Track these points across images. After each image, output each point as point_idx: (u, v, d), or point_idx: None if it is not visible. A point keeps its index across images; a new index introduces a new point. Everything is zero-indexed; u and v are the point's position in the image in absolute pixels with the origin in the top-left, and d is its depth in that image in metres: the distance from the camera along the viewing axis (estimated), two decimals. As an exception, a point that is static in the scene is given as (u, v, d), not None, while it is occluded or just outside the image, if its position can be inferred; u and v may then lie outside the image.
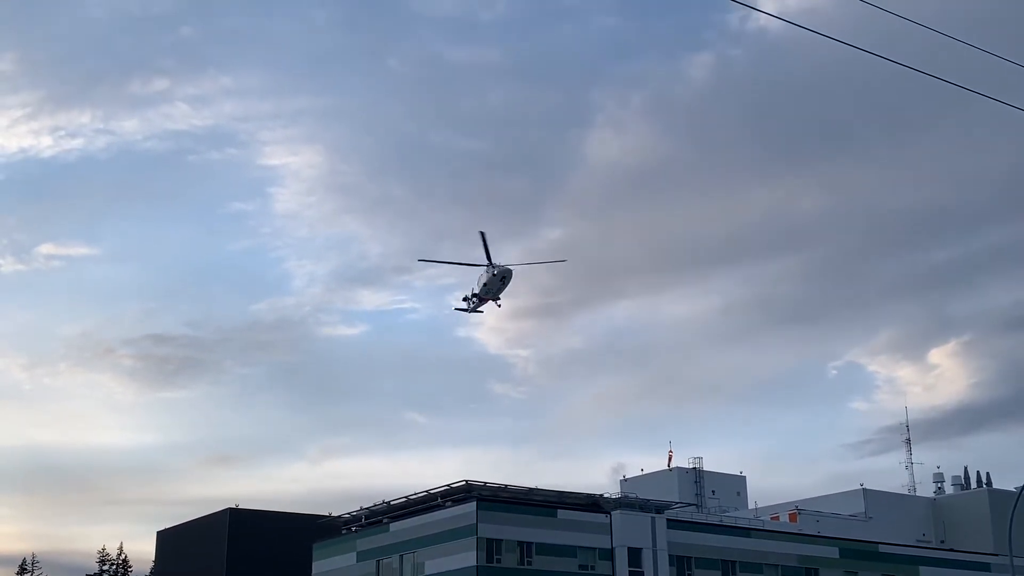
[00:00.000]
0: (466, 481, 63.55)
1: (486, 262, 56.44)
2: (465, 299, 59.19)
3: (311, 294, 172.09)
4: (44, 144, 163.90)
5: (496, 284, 56.93)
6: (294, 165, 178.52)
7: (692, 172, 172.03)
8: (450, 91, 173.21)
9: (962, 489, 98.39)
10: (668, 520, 67.49)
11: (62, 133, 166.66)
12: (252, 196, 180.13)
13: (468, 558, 60.60)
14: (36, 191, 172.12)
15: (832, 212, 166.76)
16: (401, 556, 65.86)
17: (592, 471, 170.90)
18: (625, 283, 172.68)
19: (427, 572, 63.08)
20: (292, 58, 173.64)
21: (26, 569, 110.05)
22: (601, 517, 65.23)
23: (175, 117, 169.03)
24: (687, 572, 67.20)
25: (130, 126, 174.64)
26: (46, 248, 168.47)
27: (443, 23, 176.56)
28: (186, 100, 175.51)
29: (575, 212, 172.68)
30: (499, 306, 58.46)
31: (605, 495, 68.30)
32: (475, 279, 57.94)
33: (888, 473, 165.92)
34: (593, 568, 63.79)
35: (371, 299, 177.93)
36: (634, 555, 64.67)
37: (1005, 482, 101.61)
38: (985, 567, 79.25)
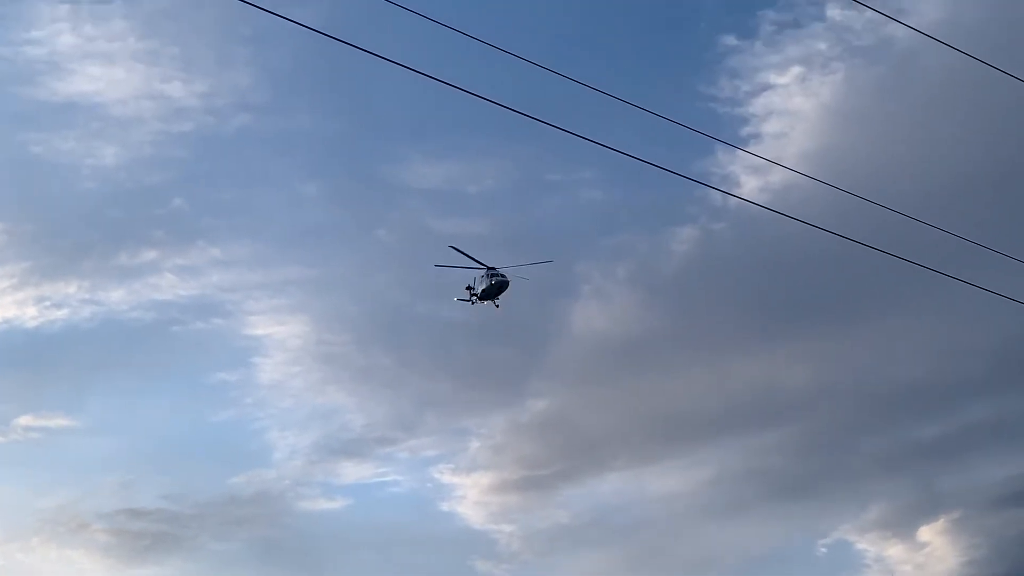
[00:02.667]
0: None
1: (484, 267, 57.31)
2: (468, 288, 60.17)
3: (292, 467, 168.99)
4: (28, 315, 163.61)
5: (493, 290, 58.41)
6: (280, 335, 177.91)
7: (679, 343, 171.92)
8: (437, 262, 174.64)
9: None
10: None
11: (47, 303, 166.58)
12: (236, 366, 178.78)
13: None
14: (19, 362, 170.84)
15: (820, 386, 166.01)
16: None
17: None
18: (612, 455, 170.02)
19: None
20: (281, 230, 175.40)
21: None
22: None
23: (162, 288, 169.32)
24: None
25: (116, 296, 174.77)
26: (26, 420, 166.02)
27: (431, 195, 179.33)
28: (173, 271, 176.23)
29: (561, 382, 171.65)
30: (497, 306, 59.64)
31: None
32: (475, 277, 59.55)
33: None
34: None
35: (353, 472, 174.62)
36: None
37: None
38: None
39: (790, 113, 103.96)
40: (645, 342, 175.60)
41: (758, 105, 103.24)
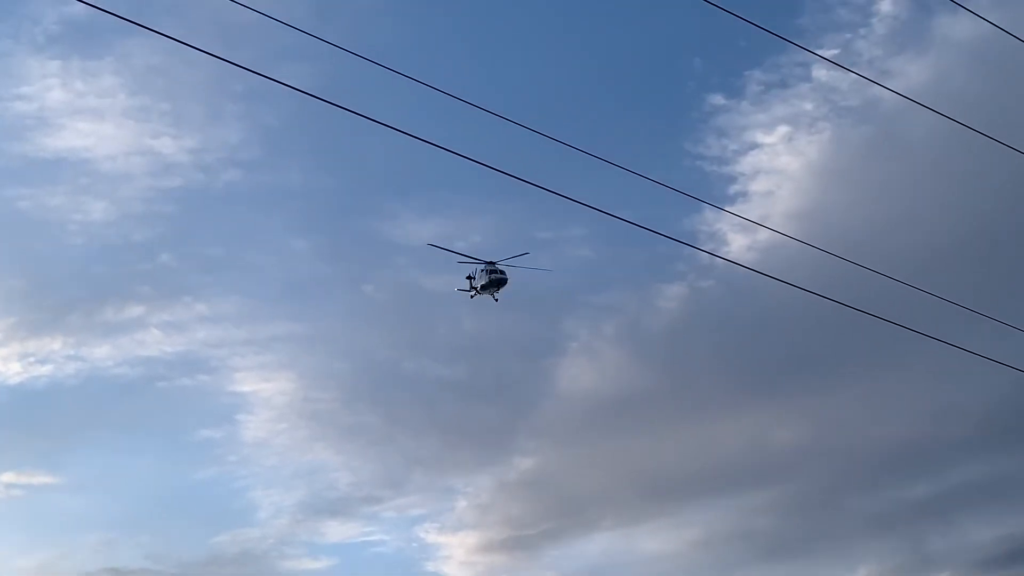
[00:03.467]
0: None
1: (483, 262, 57.64)
2: (468, 277, 60.68)
3: (276, 525, 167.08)
4: (12, 371, 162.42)
5: (492, 285, 59.03)
6: (265, 392, 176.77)
7: (666, 402, 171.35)
8: (425, 319, 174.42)
9: None
10: None
11: (32, 359, 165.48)
12: (221, 423, 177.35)
13: None
14: (1, 419, 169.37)
15: (808, 445, 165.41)
16: None
17: None
18: (599, 515, 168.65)
19: None
20: (269, 286, 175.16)
21: None
22: None
23: (147, 343, 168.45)
24: None
25: (101, 352, 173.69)
26: (7, 477, 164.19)
27: (420, 252, 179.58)
28: (159, 327, 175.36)
29: (548, 441, 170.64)
30: (496, 300, 60.35)
31: None
32: (475, 270, 60.48)
33: None
34: None
35: (338, 531, 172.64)
36: None
37: None
38: None
39: (777, 172, 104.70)
40: (632, 400, 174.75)
41: (745, 164, 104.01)
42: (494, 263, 58.08)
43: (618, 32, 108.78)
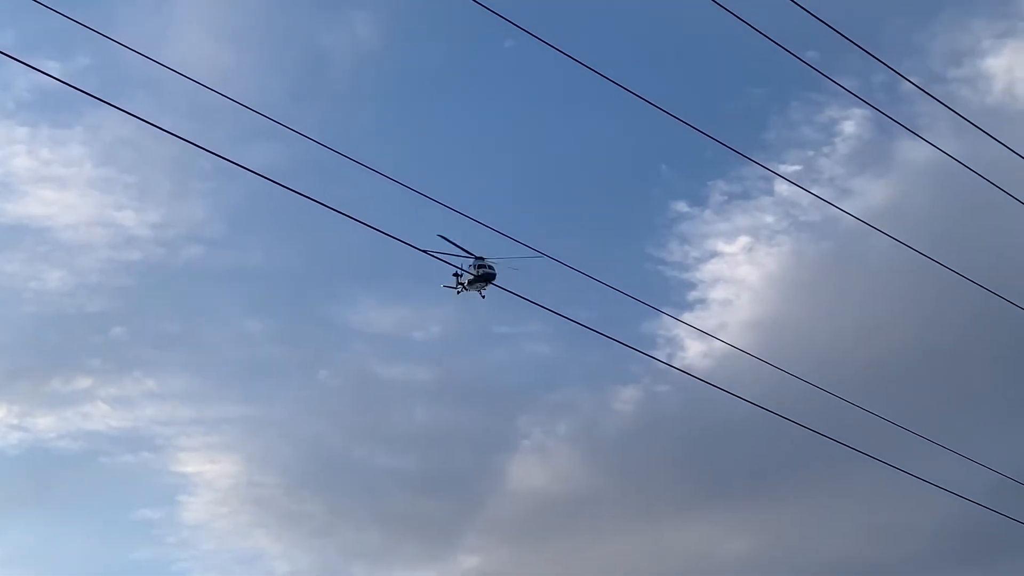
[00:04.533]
0: None
1: (472, 256, 56.90)
2: (455, 274, 59.31)
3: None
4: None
5: (479, 281, 57.83)
6: (209, 474, 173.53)
7: (616, 504, 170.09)
8: (378, 407, 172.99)
9: None
10: None
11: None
12: (162, 503, 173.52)
13: None
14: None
15: (757, 556, 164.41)
16: None
17: None
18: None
19: None
20: (221, 366, 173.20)
21: None
22: None
23: (93, 417, 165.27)
24: None
25: (45, 423, 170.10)
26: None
27: (378, 339, 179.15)
28: (107, 400, 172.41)
29: (495, 539, 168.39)
30: (483, 297, 59.33)
31: None
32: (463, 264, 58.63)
33: None
34: None
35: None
36: None
37: None
38: None
39: (736, 282, 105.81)
40: (583, 501, 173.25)
41: (706, 271, 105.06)
42: (483, 259, 58.39)
43: (591, 133, 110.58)
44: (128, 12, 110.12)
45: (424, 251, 63.24)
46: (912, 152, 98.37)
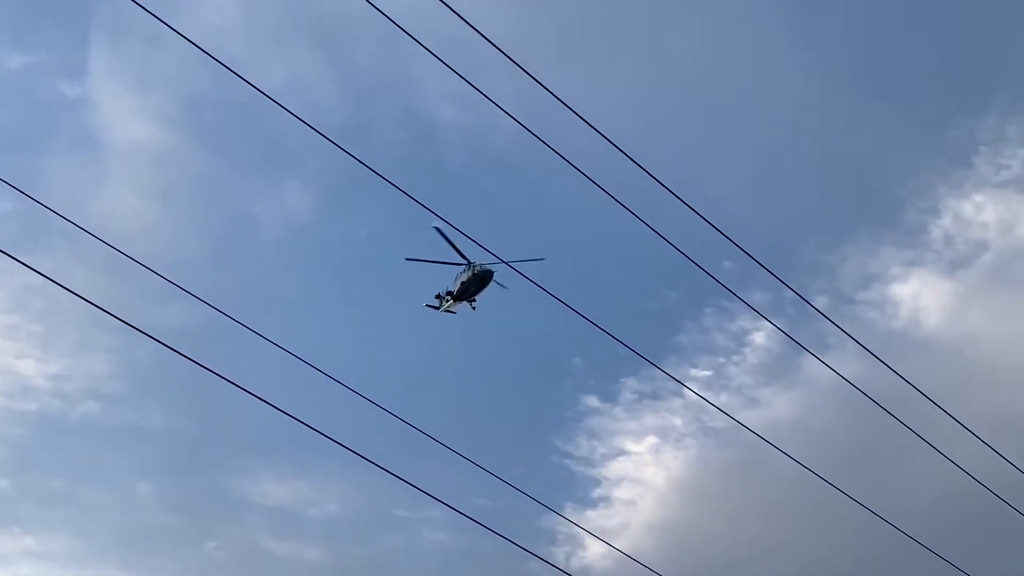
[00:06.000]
0: None
1: (464, 261, 51.71)
2: (438, 296, 54.05)
3: None
4: None
5: (475, 284, 52.60)
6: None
7: None
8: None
9: None
10: None
11: None
12: None
13: None
14: None
15: None
16: None
17: None
18: None
19: None
20: (105, 528, 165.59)
21: None
22: None
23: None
24: None
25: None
26: None
27: (272, 513, 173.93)
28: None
29: None
30: (474, 308, 53.64)
31: None
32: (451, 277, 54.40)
33: None
34: None
35: None
36: None
37: None
38: None
39: (641, 482, 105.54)
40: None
41: (612, 469, 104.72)
42: (476, 263, 54.17)
43: (510, 319, 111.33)
44: (58, 161, 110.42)
45: (408, 259, 60.04)
46: (819, 368, 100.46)
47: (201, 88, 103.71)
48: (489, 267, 54.59)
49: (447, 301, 57.16)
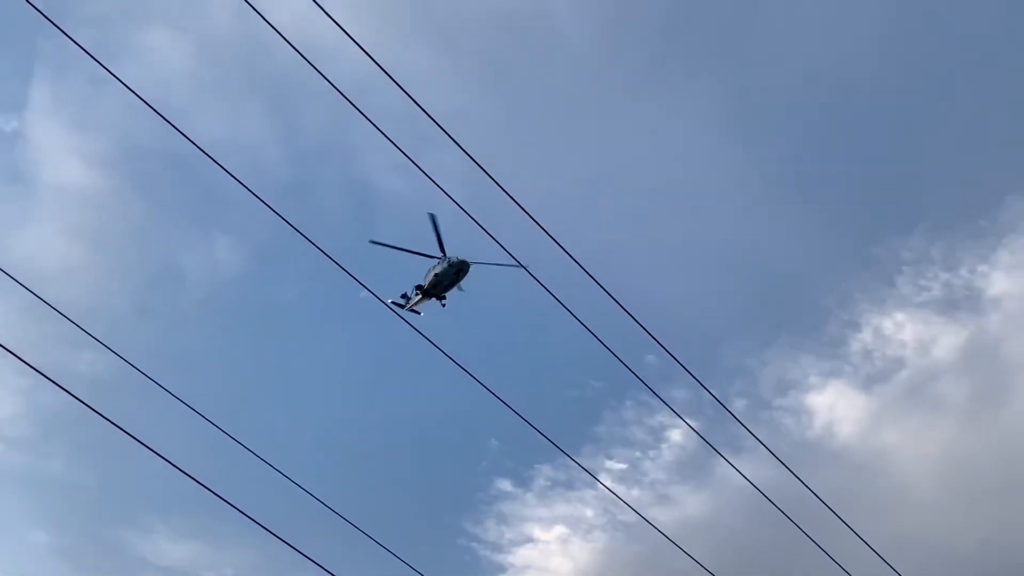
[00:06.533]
0: None
1: (440, 253, 48.66)
2: (404, 295, 51.00)
3: None
4: None
5: (449, 277, 49.92)
6: None
7: None
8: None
9: None
10: None
11: None
12: None
13: None
14: None
15: None
16: None
17: None
18: None
19: None
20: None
21: None
22: None
23: None
24: None
25: None
26: None
27: (166, 572, 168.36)
28: None
29: None
30: (443, 305, 50.19)
31: None
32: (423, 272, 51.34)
33: None
34: None
35: None
36: None
37: None
38: None
39: (547, 572, 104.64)
40: None
41: (518, 555, 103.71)
42: (451, 256, 51.23)
43: (432, 395, 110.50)
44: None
45: (373, 242, 56.13)
46: (731, 469, 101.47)
47: (141, 134, 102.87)
48: (465, 260, 52.81)
49: (414, 298, 54.99)
